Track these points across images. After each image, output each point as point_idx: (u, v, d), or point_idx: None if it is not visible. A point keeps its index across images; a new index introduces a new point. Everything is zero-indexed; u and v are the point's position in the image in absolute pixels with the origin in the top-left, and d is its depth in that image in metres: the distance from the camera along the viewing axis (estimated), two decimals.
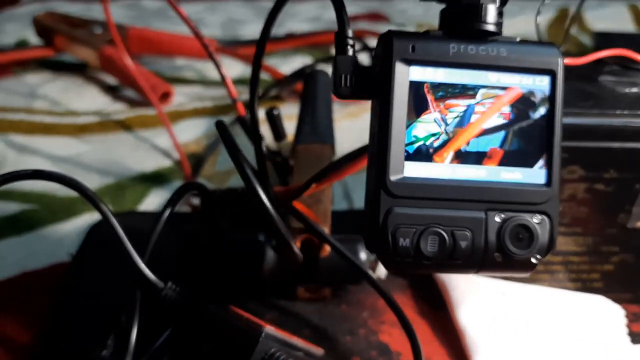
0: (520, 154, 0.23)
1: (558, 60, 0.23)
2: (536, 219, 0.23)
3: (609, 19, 0.95)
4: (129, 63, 0.57)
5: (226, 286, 0.36)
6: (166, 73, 0.72)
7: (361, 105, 0.64)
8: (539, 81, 0.23)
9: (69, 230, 0.43)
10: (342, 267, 0.34)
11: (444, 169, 0.23)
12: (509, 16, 0.22)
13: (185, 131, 0.58)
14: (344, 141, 0.48)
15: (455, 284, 0.36)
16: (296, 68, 0.61)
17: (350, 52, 0.24)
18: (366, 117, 0.62)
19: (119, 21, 0.65)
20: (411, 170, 0.23)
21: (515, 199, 0.23)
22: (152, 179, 0.50)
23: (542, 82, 0.23)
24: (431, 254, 0.22)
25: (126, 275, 0.29)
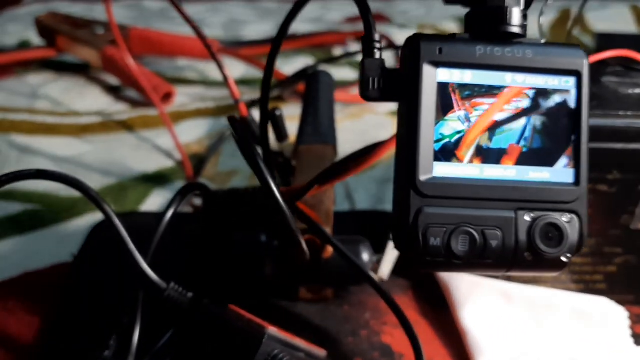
0: (545, 152, 0.23)
1: (583, 62, 0.24)
2: (565, 217, 0.23)
3: (611, 20, 0.95)
4: (131, 63, 0.57)
5: (228, 287, 0.36)
6: (168, 73, 0.72)
7: (363, 106, 0.64)
8: (565, 82, 0.24)
9: (71, 230, 0.43)
10: (345, 268, 0.34)
11: (472, 169, 0.23)
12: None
13: (187, 132, 0.58)
14: (346, 142, 0.48)
15: (458, 284, 0.36)
16: (298, 69, 0.60)
17: (378, 55, 0.24)
18: (368, 118, 0.62)
19: (121, 22, 0.65)
20: (440, 170, 0.23)
21: (544, 198, 0.23)
22: (154, 179, 0.50)
23: (568, 83, 0.24)
24: (462, 254, 0.22)
25: (128, 276, 0.29)
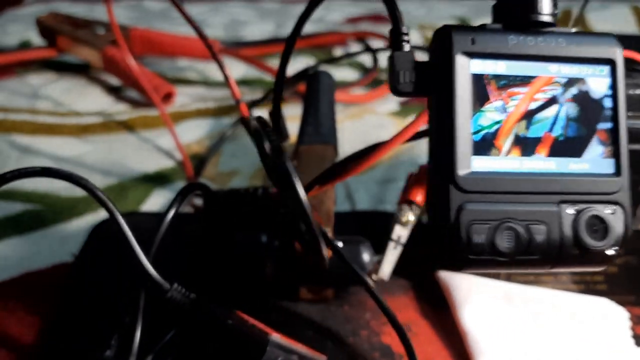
0: (579, 141, 0.23)
1: (617, 50, 0.23)
2: (609, 209, 0.23)
3: (612, 21, 0.95)
4: (131, 64, 0.57)
5: (229, 287, 0.36)
6: (169, 74, 0.72)
7: (363, 107, 0.64)
8: (599, 71, 0.23)
9: (72, 230, 0.43)
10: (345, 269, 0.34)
11: (511, 162, 0.22)
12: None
13: (187, 132, 0.58)
14: (346, 142, 0.48)
15: (458, 284, 0.36)
16: (299, 69, 0.60)
17: (407, 47, 0.23)
18: (368, 118, 0.62)
19: (121, 22, 0.65)
20: (479, 164, 0.22)
21: (586, 190, 0.22)
22: (154, 179, 0.50)
23: (603, 72, 0.23)
24: (507, 250, 0.22)
25: (129, 275, 0.29)
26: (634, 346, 0.34)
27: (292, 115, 0.56)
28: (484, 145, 0.22)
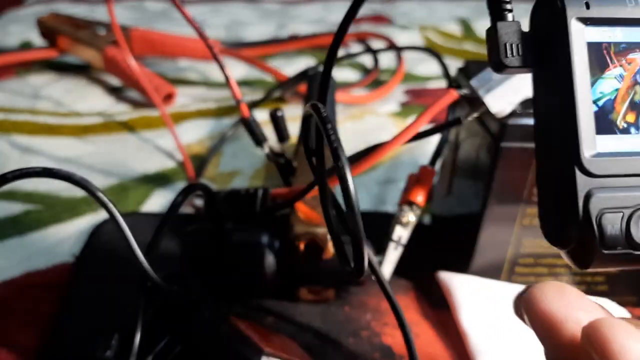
0: None
1: None
2: None
3: None
4: (132, 64, 0.57)
5: (229, 287, 0.36)
6: (169, 74, 0.72)
7: (364, 107, 0.64)
8: None
9: (73, 231, 0.43)
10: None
11: (638, 140, 0.20)
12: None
13: (188, 132, 0.58)
14: (347, 143, 0.48)
15: (458, 285, 0.36)
16: (300, 70, 0.60)
17: (510, 17, 0.21)
18: (368, 119, 0.62)
19: (122, 22, 0.65)
20: (604, 143, 0.19)
21: None
22: (155, 179, 0.50)
23: None
24: None
25: (130, 276, 0.29)
26: None
27: (293, 115, 0.56)
28: (605, 121, 0.20)
